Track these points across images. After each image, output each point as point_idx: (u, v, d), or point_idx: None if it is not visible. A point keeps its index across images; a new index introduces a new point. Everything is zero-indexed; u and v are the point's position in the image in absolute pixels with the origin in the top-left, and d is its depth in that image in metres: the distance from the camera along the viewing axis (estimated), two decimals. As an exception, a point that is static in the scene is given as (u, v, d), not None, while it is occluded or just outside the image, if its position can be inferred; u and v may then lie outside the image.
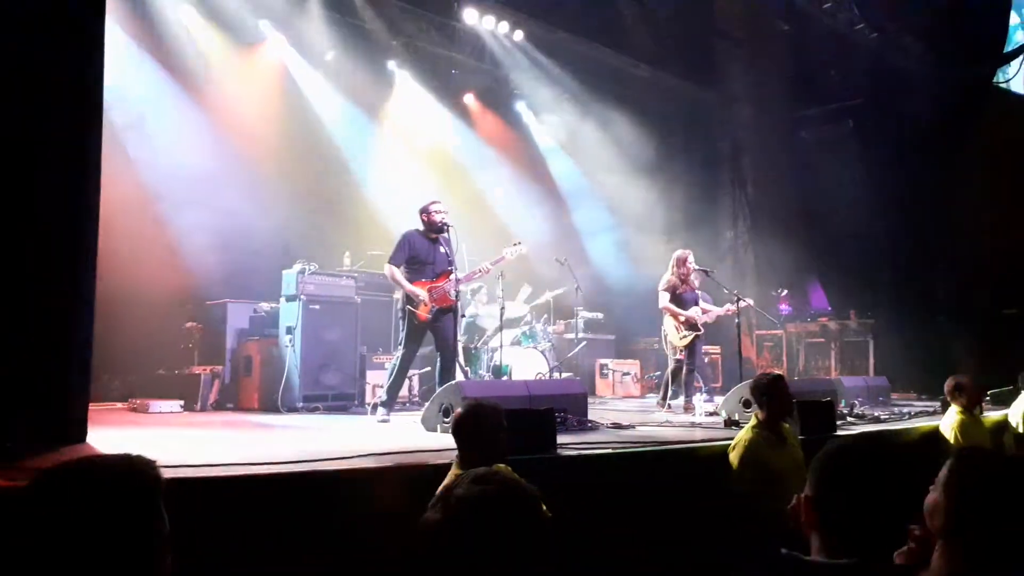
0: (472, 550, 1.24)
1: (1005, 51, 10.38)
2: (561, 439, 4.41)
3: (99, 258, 4.08)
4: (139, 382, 8.01)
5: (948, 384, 6.05)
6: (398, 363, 6.36)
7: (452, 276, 6.35)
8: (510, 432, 3.53)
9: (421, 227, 6.51)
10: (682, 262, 7.75)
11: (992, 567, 1.55)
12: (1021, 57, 10.38)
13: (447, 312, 6.34)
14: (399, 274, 6.28)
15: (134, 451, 1.47)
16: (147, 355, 8.26)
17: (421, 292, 6.22)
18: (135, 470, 1.36)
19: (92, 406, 4.77)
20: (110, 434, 4.72)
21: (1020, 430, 6.40)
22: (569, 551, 3.28)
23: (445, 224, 6.45)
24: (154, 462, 1.41)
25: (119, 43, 8.15)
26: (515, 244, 6.86)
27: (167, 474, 3.03)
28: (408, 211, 6.86)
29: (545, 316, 9.99)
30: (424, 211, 6.51)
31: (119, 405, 7.42)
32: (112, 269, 7.13)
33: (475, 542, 1.24)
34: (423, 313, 6.20)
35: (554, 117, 12.37)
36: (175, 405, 6.85)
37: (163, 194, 8.37)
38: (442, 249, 6.48)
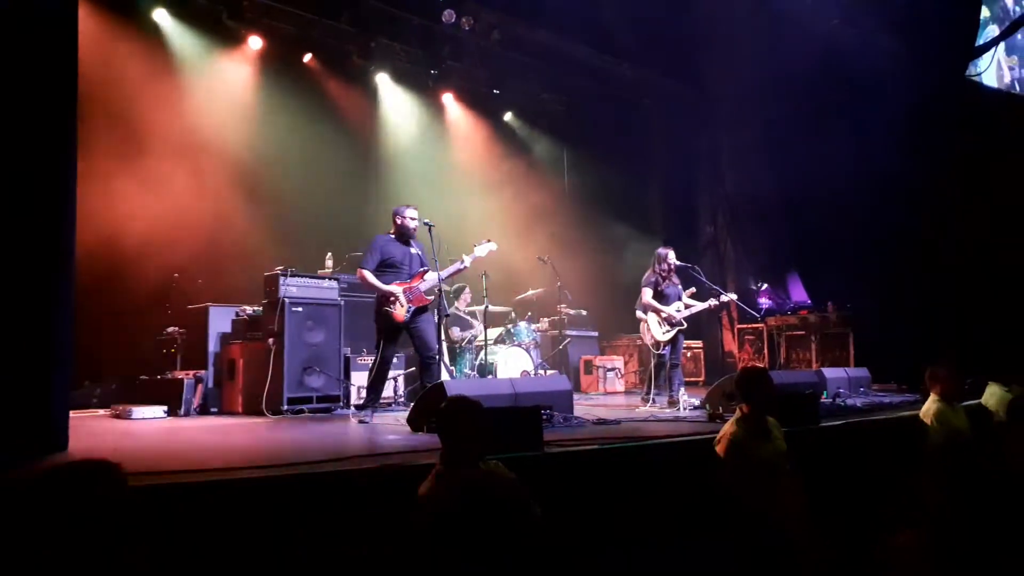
0: (463, 550, 1.25)
1: (976, 44, 10.53)
2: (547, 436, 4.43)
3: (78, 264, 4.05)
4: (121, 388, 7.96)
5: (927, 373, 6.14)
6: (376, 365, 6.42)
7: (426, 276, 6.42)
8: (496, 431, 3.55)
9: (392, 230, 6.54)
10: (663, 259, 7.83)
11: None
12: (992, 51, 10.52)
13: (423, 312, 6.38)
14: (372, 276, 6.32)
15: (112, 458, 1.47)
16: (129, 361, 8.21)
17: (396, 290, 6.24)
18: (98, 474, 1.36)
19: (74, 414, 4.74)
20: (92, 442, 4.68)
21: (1001, 417, 6.49)
22: (558, 547, 3.31)
23: (415, 231, 6.56)
24: (118, 465, 1.41)
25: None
26: (486, 241, 6.88)
27: (149, 481, 3.03)
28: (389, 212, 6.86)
29: (529, 314, 10.03)
30: (398, 214, 6.55)
31: (101, 412, 7.36)
32: (91, 274, 7.12)
33: (466, 543, 1.25)
34: (399, 313, 6.23)
35: (533, 114, 12.40)
36: (158, 411, 6.80)
37: (142, 198, 8.31)
38: (414, 251, 6.55)
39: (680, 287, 7.99)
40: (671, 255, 7.87)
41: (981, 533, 1.52)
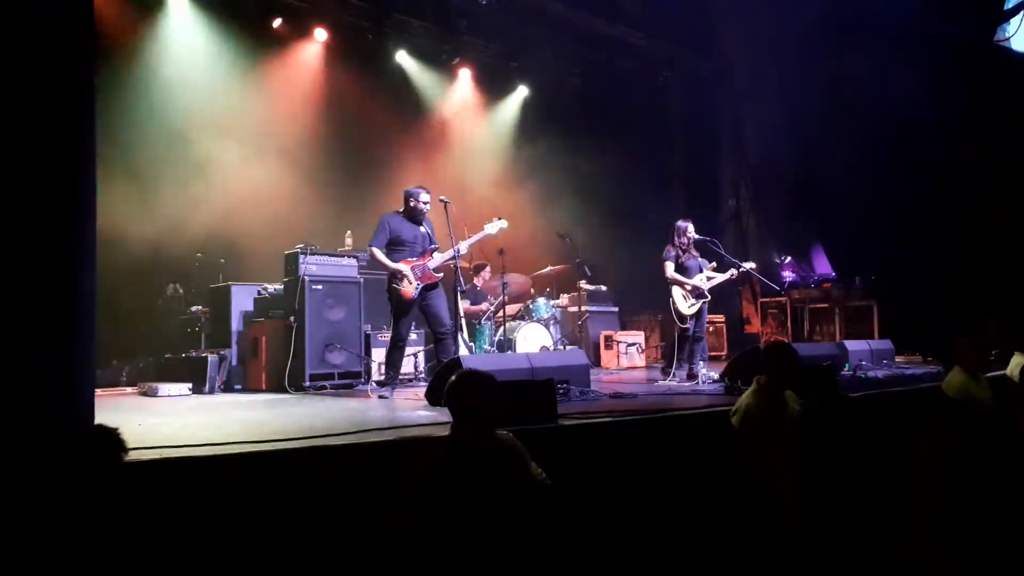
0: (463, 508, 1.28)
1: (1005, 8, 10.26)
2: (563, 409, 4.46)
3: (100, 247, 4.13)
4: (149, 368, 8.12)
5: (952, 345, 6.07)
6: (391, 341, 6.55)
7: (435, 254, 6.51)
8: (511, 403, 3.58)
9: (402, 209, 6.61)
10: (683, 232, 7.81)
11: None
12: (1021, 14, 10.25)
13: (433, 289, 6.45)
14: (381, 254, 6.40)
15: (136, 432, 1.51)
16: (155, 341, 8.37)
17: (404, 268, 6.30)
18: (92, 440, 1.39)
19: (102, 392, 4.86)
20: (118, 417, 4.79)
21: (1016, 381, 6.41)
22: (571, 519, 3.35)
23: (426, 212, 6.64)
24: (116, 430, 1.44)
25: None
26: (497, 219, 6.91)
27: (174, 454, 3.10)
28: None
29: (548, 290, 10.04)
30: (412, 196, 6.58)
31: (129, 390, 7.52)
32: (115, 257, 7.25)
33: (463, 502, 1.28)
34: (408, 290, 6.29)
35: (548, 88, 12.30)
36: (184, 388, 6.94)
37: (162, 179, 8.42)
38: (423, 230, 6.60)
39: (700, 260, 7.96)
40: (691, 228, 7.84)
41: (991, 497, 1.52)
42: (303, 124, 9.83)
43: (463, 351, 7.34)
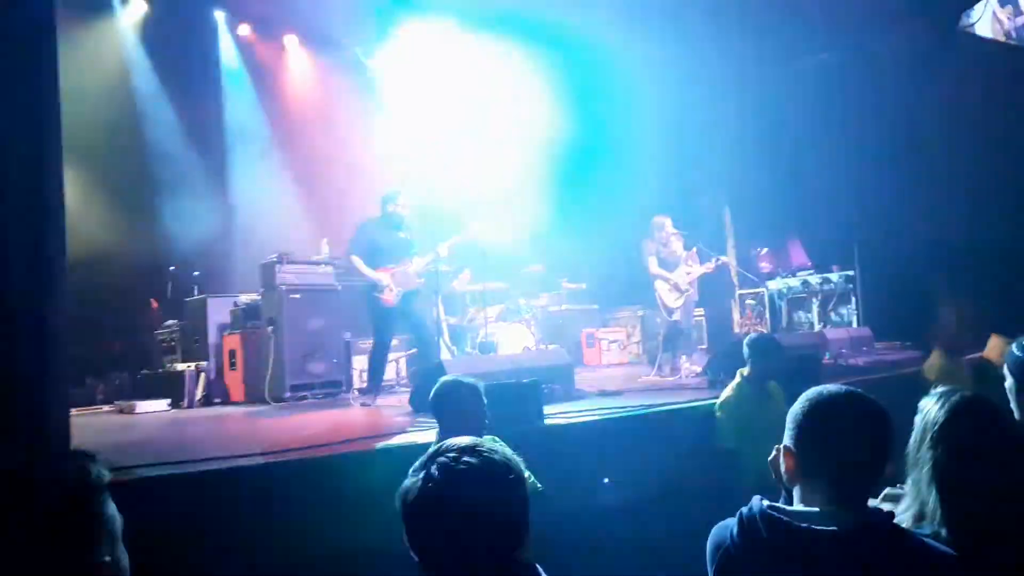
0: (454, 520, 1.24)
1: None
2: (548, 409, 4.43)
3: (71, 262, 4.03)
4: (124, 384, 7.98)
5: (931, 329, 6.14)
6: (373, 349, 6.48)
7: (415, 260, 6.43)
8: (498, 406, 3.54)
9: (380, 215, 6.53)
10: (661, 227, 7.82)
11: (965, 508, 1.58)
12: (984, 1, 10.38)
13: (414, 295, 6.40)
14: (360, 263, 6.31)
15: (116, 452, 1.46)
16: (130, 357, 8.23)
17: (384, 277, 6.24)
18: (74, 465, 1.34)
19: (77, 411, 4.76)
20: (96, 439, 4.69)
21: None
22: (561, 518, 3.31)
23: (405, 217, 6.54)
24: (96, 454, 1.39)
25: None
26: (474, 221, 6.88)
27: (156, 472, 3.02)
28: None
29: (529, 289, 10.00)
30: (389, 200, 6.50)
31: (106, 408, 7.38)
32: (88, 272, 7.12)
33: (457, 511, 1.24)
34: (389, 298, 6.22)
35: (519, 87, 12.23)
36: (162, 404, 6.83)
37: (132, 191, 8.30)
38: (402, 235, 6.51)
39: (681, 255, 7.98)
40: (668, 223, 7.86)
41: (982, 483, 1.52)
42: (277, 131, 9.72)
43: (445, 355, 7.28)
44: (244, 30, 9.76)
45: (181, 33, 9.15)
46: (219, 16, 9.57)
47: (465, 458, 1.28)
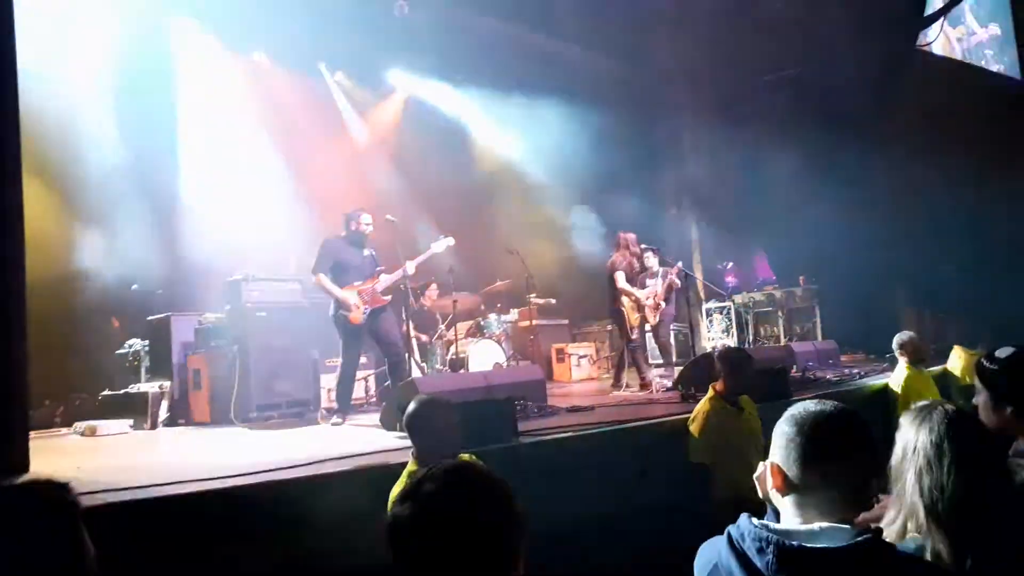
0: (444, 545, 1.21)
1: (925, 15, 10.68)
2: (522, 427, 4.40)
3: (30, 278, 3.91)
4: (85, 406, 7.75)
5: (895, 341, 6.23)
6: (341, 369, 6.39)
7: (381, 277, 6.38)
8: (471, 424, 3.51)
9: (343, 233, 6.46)
10: (627, 243, 7.88)
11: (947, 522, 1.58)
12: (941, 20, 10.68)
13: (382, 312, 6.31)
14: (326, 281, 6.24)
15: (76, 477, 1.39)
16: (91, 377, 8.00)
17: (350, 295, 6.17)
18: (45, 495, 1.28)
19: (36, 434, 4.60)
20: (55, 463, 4.54)
21: (967, 381, 6.61)
22: (537, 538, 3.27)
23: (369, 235, 6.49)
24: (67, 484, 1.32)
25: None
26: (444, 237, 6.85)
27: (116, 498, 2.93)
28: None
29: (499, 305, 9.98)
30: (352, 219, 6.45)
31: (64, 431, 7.16)
32: (46, 289, 6.92)
33: (447, 537, 1.21)
34: (355, 316, 6.16)
35: (485, 104, 12.28)
36: (124, 425, 6.64)
37: (94, 207, 8.11)
38: (367, 252, 6.47)
39: (656, 269, 8.03)
40: (632, 238, 7.92)
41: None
42: (242, 146, 9.60)
43: (415, 373, 7.22)
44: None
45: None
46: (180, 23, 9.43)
47: (456, 483, 1.25)
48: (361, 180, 10.64)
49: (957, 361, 7.04)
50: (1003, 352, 2.17)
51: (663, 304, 7.78)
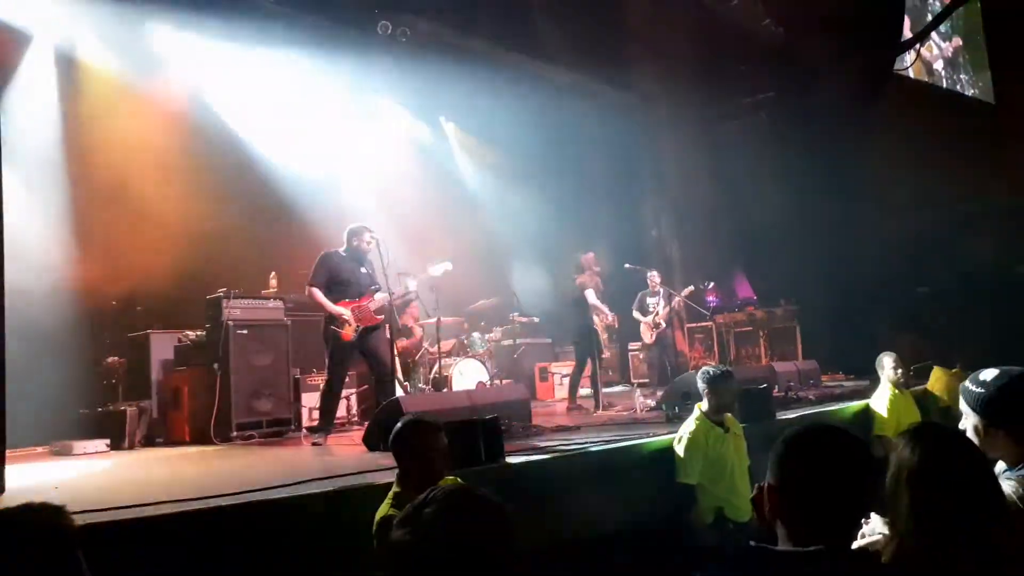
0: (446, 570, 1.19)
1: (902, 40, 10.89)
2: (508, 447, 4.37)
3: (6, 293, 3.85)
4: (61, 424, 7.59)
5: (877, 362, 6.28)
6: (327, 386, 6.30)
7: (376, 295, 6.31)
8: (456, 445, 3.47)
9: (343, 248, 6.41)
10: (588, 264, 8.07)
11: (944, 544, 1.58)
12: (917, 45, 10.89)
13: (374, 331, 6.26)
14: (320, 295, 6.18)
15: (53, 499, 1.35)
16: (67, 395, 7.85)
17: (345, 311, 6.12)
18: (42, 520, 1.24)
19: (10, 452, 4.49)
20: (33, 481, 4.45)
21: (947, 401, 6.67)
22: (528, 560, 3.24)
23: (368, 252, 6.43)
24: (63, 508, 1.29)
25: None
26: (441, 262, 6.84)
27: (95, 519, 2.86)
28: (335, 228, 6.72)
29: (482, 323, 9.95)
30: (355, 235, 6.39)
31: (40, 449, 7.01)
32: (23, 304, 6.80)
33: (450, 562, 1.19)
34: (348, 333, 6.11)
35: (468, 124, 12.34)
36: (101, 444, 6.52)
37: (74, 222, 8.00)
38: (364, 269, 6.41)
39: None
40: (592, 258, 8.15)
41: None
42: (220, 161, 9.50)
43: (399, 391, 7.16)
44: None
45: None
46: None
47: (457, 507, 1.23)
48: (347, 197, 10.58)
49: (936, 382, 7.11)
50: (987, 374, 2.12)
51: (663, 324, 7.87)
